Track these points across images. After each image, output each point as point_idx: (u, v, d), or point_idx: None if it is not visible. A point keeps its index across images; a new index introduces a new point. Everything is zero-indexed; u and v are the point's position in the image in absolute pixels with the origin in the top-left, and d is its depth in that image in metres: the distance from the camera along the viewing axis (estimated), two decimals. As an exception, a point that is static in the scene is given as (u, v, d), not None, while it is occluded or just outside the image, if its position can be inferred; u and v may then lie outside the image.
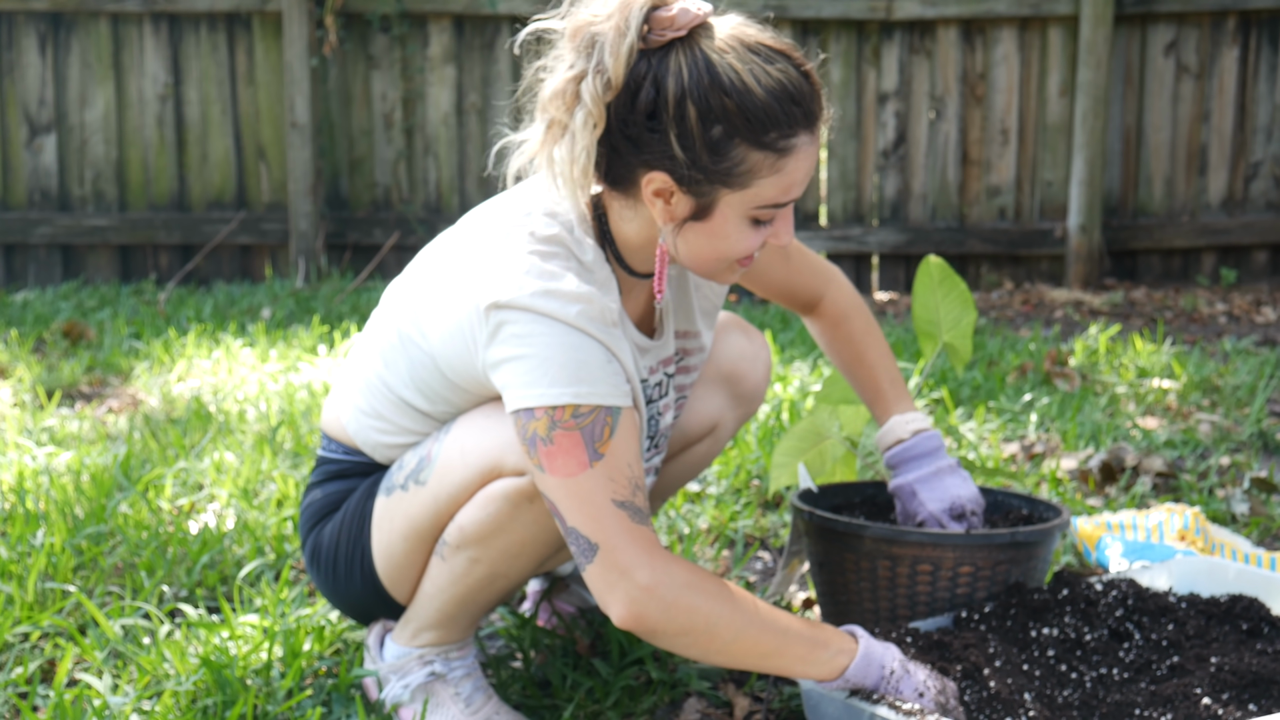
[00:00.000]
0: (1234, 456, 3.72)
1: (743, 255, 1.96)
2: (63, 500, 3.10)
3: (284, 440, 3.72)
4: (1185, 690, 1.95)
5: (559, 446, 1.85)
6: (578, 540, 1.86)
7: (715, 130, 1.83)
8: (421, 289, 2.08)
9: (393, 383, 2.10)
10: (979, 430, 3.87)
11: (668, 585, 1.84)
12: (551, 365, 1.85)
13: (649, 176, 1.88)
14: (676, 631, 1.86)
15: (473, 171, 7.02)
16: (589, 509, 1.85)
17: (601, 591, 1.86)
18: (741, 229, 1.92)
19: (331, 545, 2.18)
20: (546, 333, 1.86)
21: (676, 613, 1.85)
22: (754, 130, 1.84)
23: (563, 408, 1.85)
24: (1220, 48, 6.84)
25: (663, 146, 1.85)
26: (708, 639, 1.87)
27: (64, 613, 2.61)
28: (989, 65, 6.87)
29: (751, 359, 2.44)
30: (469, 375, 1.99)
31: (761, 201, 1.90)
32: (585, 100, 1.84)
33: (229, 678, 2.21)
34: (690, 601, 1.85)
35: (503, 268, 1.91)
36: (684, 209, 1.90)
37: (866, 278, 7.06)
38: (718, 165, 1.85)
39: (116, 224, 6.99)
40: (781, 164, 1.87)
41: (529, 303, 1.86)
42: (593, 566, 1.86)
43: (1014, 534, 2.20)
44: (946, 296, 2.42)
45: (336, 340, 5.14)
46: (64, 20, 6.93)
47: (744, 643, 1.88)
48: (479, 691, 2.15)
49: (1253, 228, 6.91)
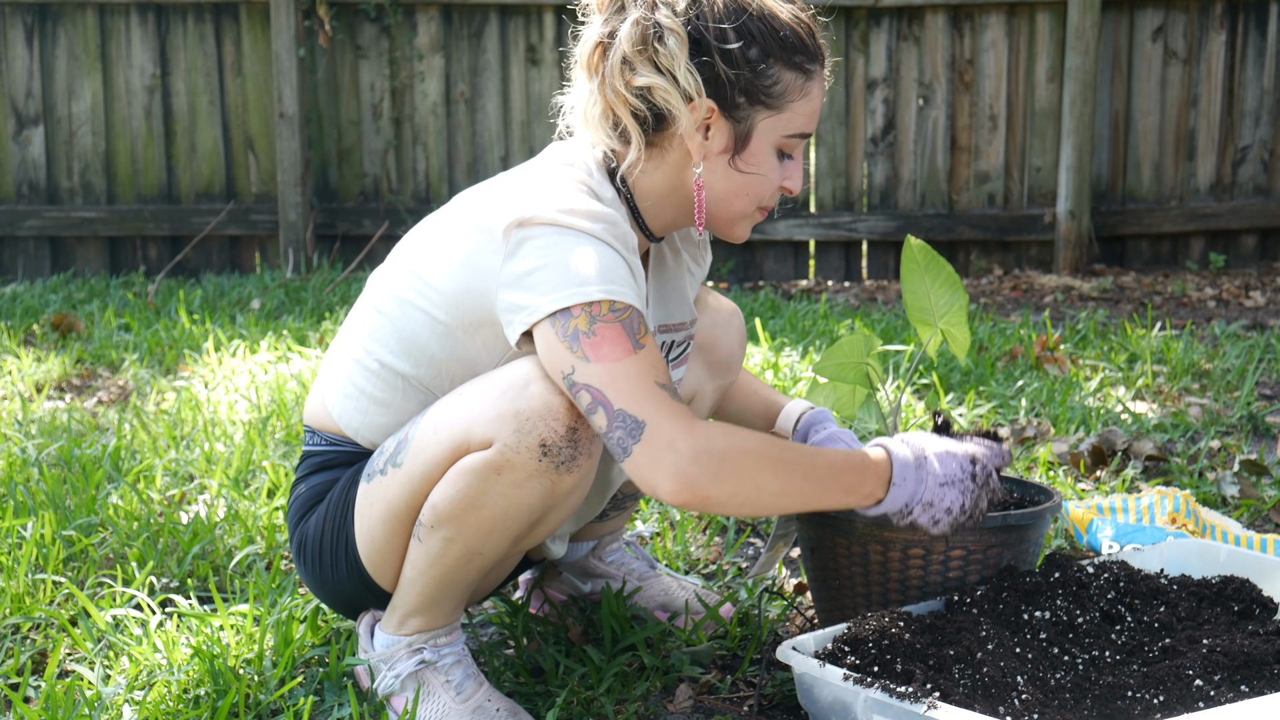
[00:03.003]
0: (1224, 439, 3.73)
1: (768, 193, 2.09)
2: (53, 491, 3.09)
3: (275, 430, 3.72)
4: (1177, 672, 1.96)
5: (602, 337, 1.91)
6: (625, 421, 1.90)
7: (753, 50, 2.01)
8: (421, 246, 2.12)
9: (379, 353, 2.12)
10: (970, 415, 3.88)
11: (711, 452, 1.90)
12: (582, 267, 1.92)
13: (693, 105, 2.01)
14: (726, 495, 1.92)
15: (461, 161, 7.01)
16: (636, 389, 1.90)
17: (649, 471, 1.90)
18: (769, 161, 2.07)
19: (316, 536, 2.18)
20: (572, 243, 1.94)
21: (724, 475, 1.91)
22: (785, 50, 2.03)
23: (599, 303, 1.91)
24: (1208, 32, 6.85)
25: (707, 72, 2.00)
26: (756, 494, 1.95)
27: (55, 604, 2.60)
28: (977, 51, 6.86)
29: (724, 325, 2.45)
30: (473, 310, 2.02)
31: (792, 128, 2.06)
32: (621, 42, 2.01)
33: (220, 668, 2.20)
34: (735, 463, 1.92)
35: (521, 194, 2.00)
36: (720, 141, 2.04)
37: (856, 265, 7.06)
38: (758, 82, 2.02)
39: (105, 216, 6.97)
40: (808, 88, 2.06)
41: (552, 217, 1.95)
42: (639, 447, 1.90)
43: (1005, 517, 2.20)
44: (935, 281, 2.41)
45: (326, 331, 5.13)
46: (50, 11, 6.91)
47: (791, 494, 1.99)
48: (470, 679, 2.15)
49: (1241, 212, 6.92)
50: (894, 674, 1.95)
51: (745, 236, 2.17)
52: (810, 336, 5.05)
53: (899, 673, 1.95)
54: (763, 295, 6.26)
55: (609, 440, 1.92)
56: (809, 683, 2.00)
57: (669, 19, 2.00)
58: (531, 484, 1.96)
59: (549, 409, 1.94)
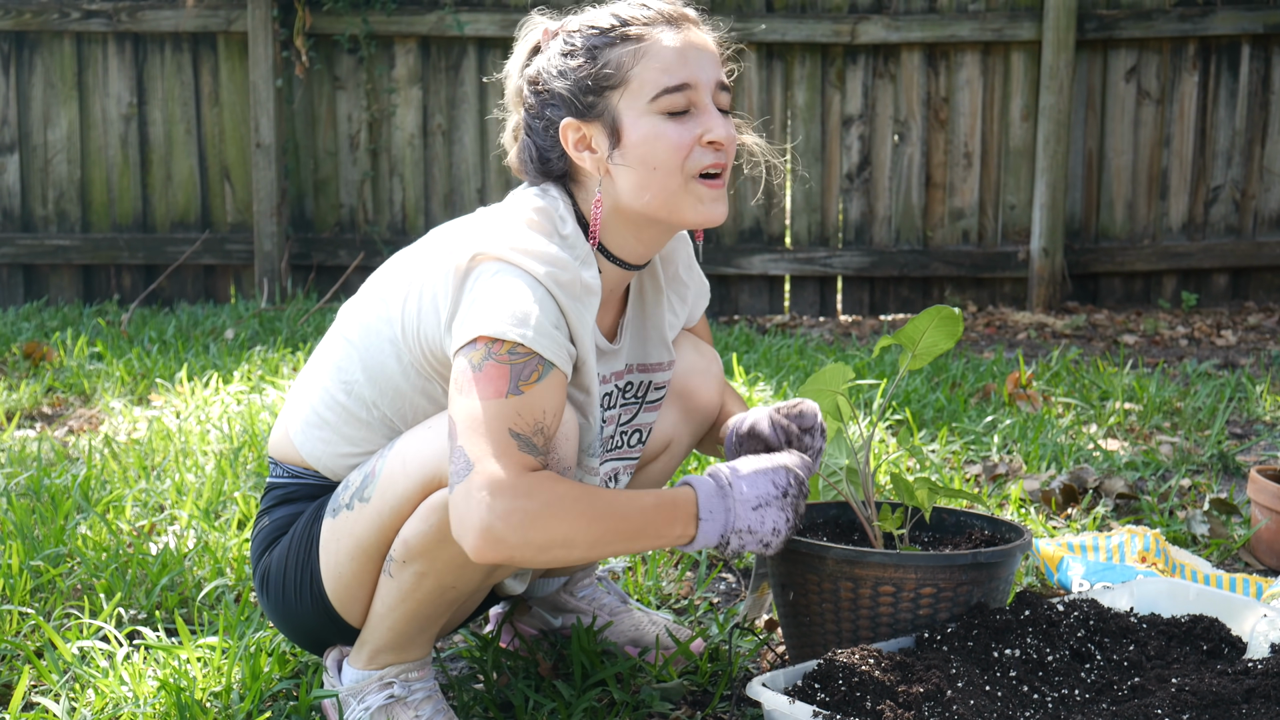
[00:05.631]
0: (1194, 478, 3.74)
1: (678, 160, 2.05)
2: (21, 521, 3.07)
3: (246, 461, 3.70)
4: (1146, 711, 1.96)
5: (485, 374, 1.90)
6: (459, 458, 1.88)
7: (578, 57, 2.07)
8: (389, 279, 2.13)
9: (345, 384, 2.13)
10: (942, 452, 3.88)
11: (524, 510, 1.86)
12: (505, 305, 1.93)
13: (562, 130, 2.08)
14: (534, 551, 1.88)
15: (438, 193, 7.01)
16: (482, 429, 1.88)
17: (458, 517, 1.87)
18: (657, 129, 2.05)
19: (280, 570, 2.17)
20: (510, 281, 1.95)
21: (533, 531, 1.87)
22: (606, 37, 2.07)
23: (501, 341, 1.91)
24: (1181, 73, 6.91)
25: (552, 97, 2.09)
26: (566, 552, 1.91)
27: (21, 635, 2.58)
28: (952, 89, 6.91)
29: (703, 373, 2.45)
30: (429, 342, 2.02)
31: (653, 88, 2.04)
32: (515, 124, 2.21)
33: (187, 701, 2.19)
34: (546, 519, 1.87)
35: (483, 232, 2.03)
36: (603, 144, 2.07)
37: (831, 300, 7.08)
38: (593, 74, 2.05)
39: (79, 244, 6.95)
40: (644, 48, 2.05)
41: (502, 253, 1.97)
42: (460, 487, 1.87)
43: (976, 555, 2.20)
44: (937, 330, 2.36)
45: (300, 361, 5.12)
46: (27, 39, 6.90)
47: (605, 544, 1.95)
48: (439, 714, 2.14)
49: (1213, 251, 6.97)
50: (864, 711, 1.94)
51: (712, 214, 2.10)
52: (785, 371, 5.06)
53: (869, 710, 1.94)
54: (737, 329, 6.27)
55: (450, 474, 1.91)
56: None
57: (524, 80, 2.16)
58: None
59: None
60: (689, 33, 2.08)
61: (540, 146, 2.13)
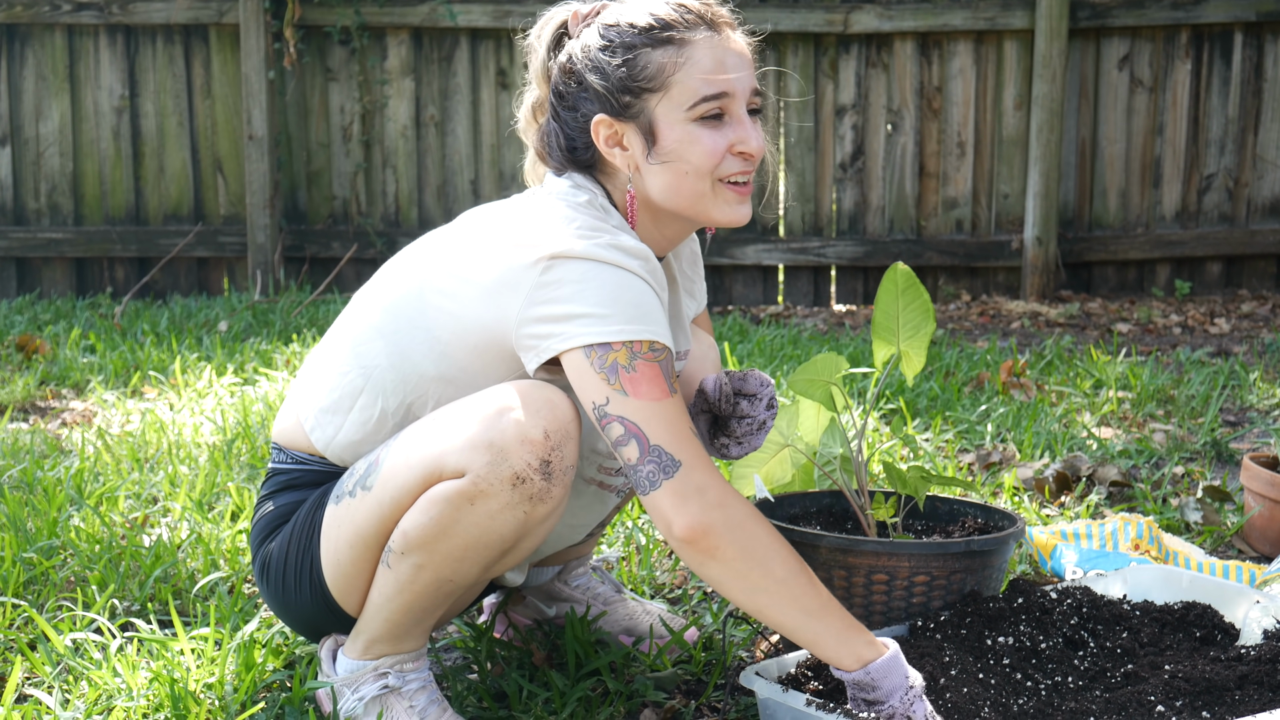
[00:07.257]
0: (1188, 465, 3.75)
1: (709, 165, 2.07)
2: (14, 513, 3.07)
3: (240, 453, 3.70)
4: (1139, 697, 1.96)
5: (642, 374, 1.94)
6: (660, 457, 1.92)
7: (616, 54, 2.07)
8: (432, 265, 2.11)
9: (364, 369, 2.12)
10: (935, 440, 3.89)
11: (736, 508, 1.92)
12: (622, 304, 1.95)
13: (594, 126, 2.09)
14: (736, 553, 1.91)
15: (431, 184, 7.00)
16: (675, 430, 1.93)
17: (671, 507, 1.91)
18: (692, 134, 2.06)
19: (280, 557, 2.17)
20: (613, 279, 1.96)
21: (741, 533, 1.91)
22: (646, 36, 2.07)
23: (641, 342, 1.94)
24: (1173, 61, 6.90)
25: (586, 90, 2.09)
26: (762, 571, 1.92)
27: (14, 627, 2.58)
28: (945, 78, 6.90)
29: (699, 359, 2.45)
30: (485, 333, 2.02)
31: (691, 96, 2.05)
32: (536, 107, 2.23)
33: (181, 692, 2.18)
34: (755, 528, 1.93)
35: (551, 226, 2.02)
36: (637, 143, 2.08)
37: (824, 290, 7.08)
38: (631, 76, 2.06)
39: (72, 237, 6.94)
40: (686, 53, 2.06)
41: (593, 252, 1.97)
42: (670, 483, 1.92)
43: (969, 543, 2.21)
44: (908, 305, 2.41)
45: (293, 353, 5.11)
46: (18, 32, 6.88)
47: (792, 588, 1.93)
48: (434, 704, 2.14)
49: (1206, 239, 6.97)
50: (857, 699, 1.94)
51: (737, 216, 2.13)
52: (778, 361, 5.06)
53: (862, 698, 1.94)
54: (731, 319, 6.27)
55: (636, 473, 1.94)
56: (772, 708, 2.00)
57: (555, 65, 2.16)
58: (504, 514, 1.95)
59: (523, 441, 1.94)
60: (727, 39, 2.10)
61: (569, 135, 2.14)
